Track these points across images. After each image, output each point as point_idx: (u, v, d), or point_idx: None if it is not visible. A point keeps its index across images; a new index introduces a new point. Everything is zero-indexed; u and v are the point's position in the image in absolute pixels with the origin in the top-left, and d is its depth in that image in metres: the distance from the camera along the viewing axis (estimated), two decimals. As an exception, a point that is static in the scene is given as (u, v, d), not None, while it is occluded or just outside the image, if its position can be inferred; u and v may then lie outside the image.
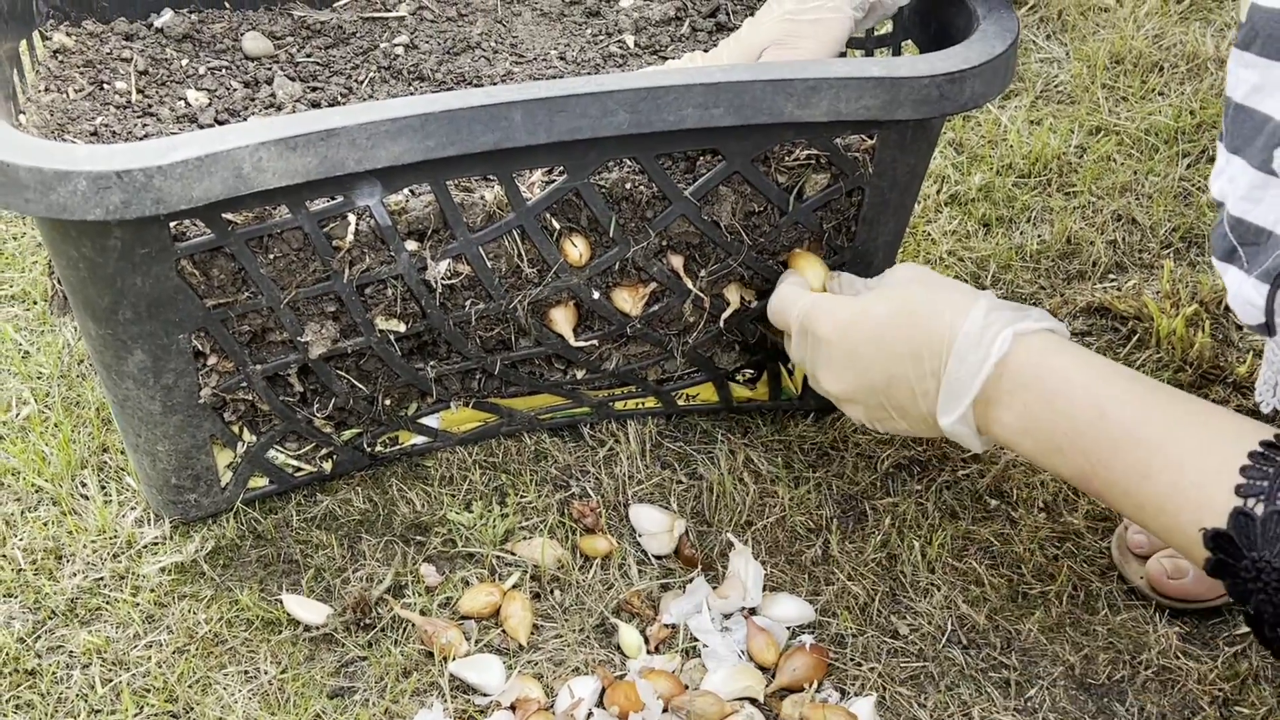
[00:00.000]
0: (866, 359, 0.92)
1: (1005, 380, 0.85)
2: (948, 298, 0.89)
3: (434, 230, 0.95)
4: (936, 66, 0.93)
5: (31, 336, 1.29)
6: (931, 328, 0.88)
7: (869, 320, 0.92)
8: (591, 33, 1.22)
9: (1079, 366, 0.83)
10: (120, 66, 1.12)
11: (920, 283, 0.93)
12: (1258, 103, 0.73)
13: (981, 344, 0.85)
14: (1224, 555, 0.73)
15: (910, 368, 0.89)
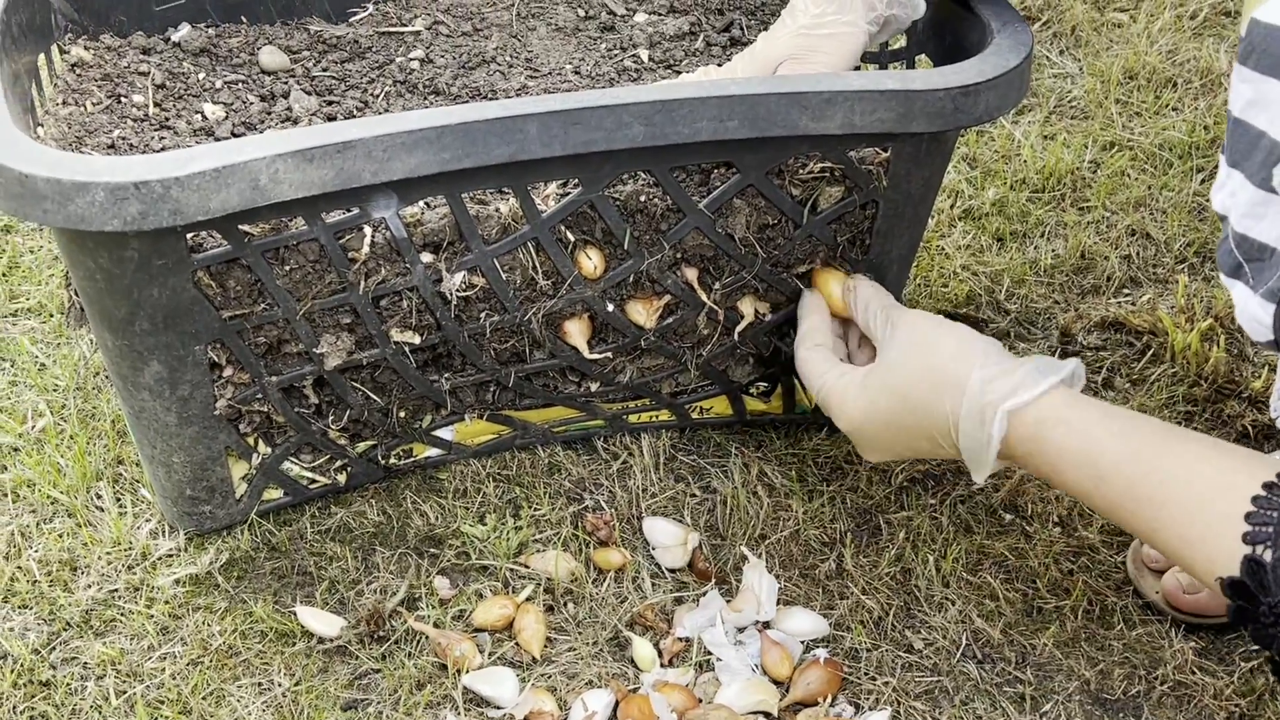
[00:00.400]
0: (886, 443, 0.97)
1: (1014, 449, 0.88)
2: (944, 377, 0.91)
3: (449, 242, 0.96)
4: (951, 80, 0.94)
5: (48, 349, 1.30)
6: (933, 414, 0.91)
7: (877, 415, 0.96)
8: (606, 47, 1.23)
9: (1072, 433, 0.85)
10: (138, 80, 1.13)
11: (916, 357, 0.94)
12: (1253, 117, 0.74)
13: (983, 425, 0.88)
14: (1243, 603, 0.74)
15: (926, 445, 0.94)
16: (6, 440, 1.18)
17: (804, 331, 1.05)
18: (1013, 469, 1.17)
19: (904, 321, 0.97)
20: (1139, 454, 0.82)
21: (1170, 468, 0.80)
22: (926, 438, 0.93)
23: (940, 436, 0.91)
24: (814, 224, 1.02)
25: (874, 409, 0.95)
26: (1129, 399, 1.26)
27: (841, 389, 0.99)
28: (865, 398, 0.96)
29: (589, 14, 1.28)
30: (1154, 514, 0.80)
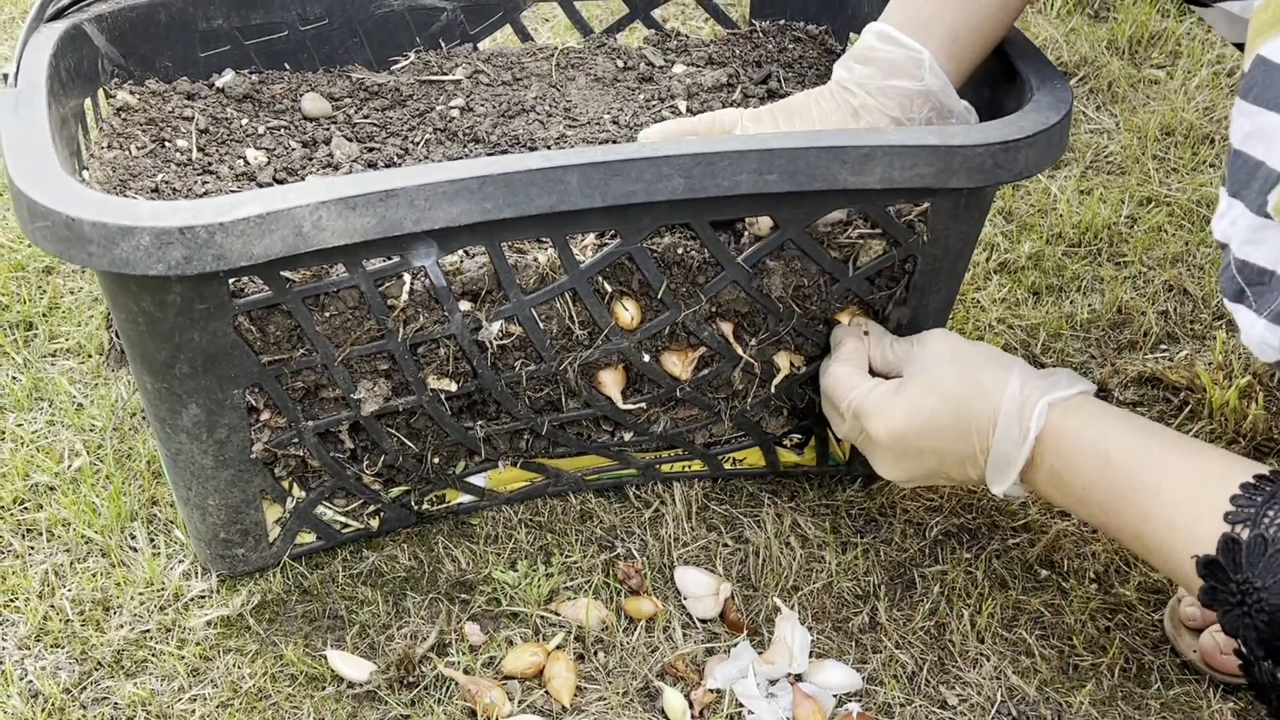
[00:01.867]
0: (919, 451, 0.98)
1: (1039, 446, 0.92)
2: (985, 377, 0.95)
3: (488, 291, 0.96)
4: (990, 136, 0.94)
5: (86, 389, 1.31)
6: (976, 409, 0.94)
7: (919, 417, 0.97)
8: (644, 98, 1.23)
9: (1092, 424, 0.90)
10: (182, 125, 1.14)
11: (956, 362, 0.98)
12: (1251, 148, 0.77)
13: (1021, 418, 0.92)
14: (1215, 582, 0.77)
15: (961, 447, 0.96)
16: (43, 479, 1.19)
17: (834, 356, 1.06)
18: (1047, 524, 1.16)
19: (932, 335, 1.02)
20: (1147, 445, 0.87)
21: (1175, 456, 0.85)
22: (963, 437, 0.95)
23: (977, 436, 0.94)
24: (853, 279, 1.02)
25: (916, 411, 0.97)
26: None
27: (878, 397, 1.00)
28: (906, 401, 0.98)
29: (628, 65, 1.29)
30: (1149, 500, 0.84)
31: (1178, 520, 0.81)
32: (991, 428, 0.93)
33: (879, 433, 0.99)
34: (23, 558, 1.12)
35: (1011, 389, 0.93)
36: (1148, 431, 0.88)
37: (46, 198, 0.81)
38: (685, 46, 1.34)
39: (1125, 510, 0.86)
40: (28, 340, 1.37)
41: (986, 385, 0.94)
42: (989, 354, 0.98)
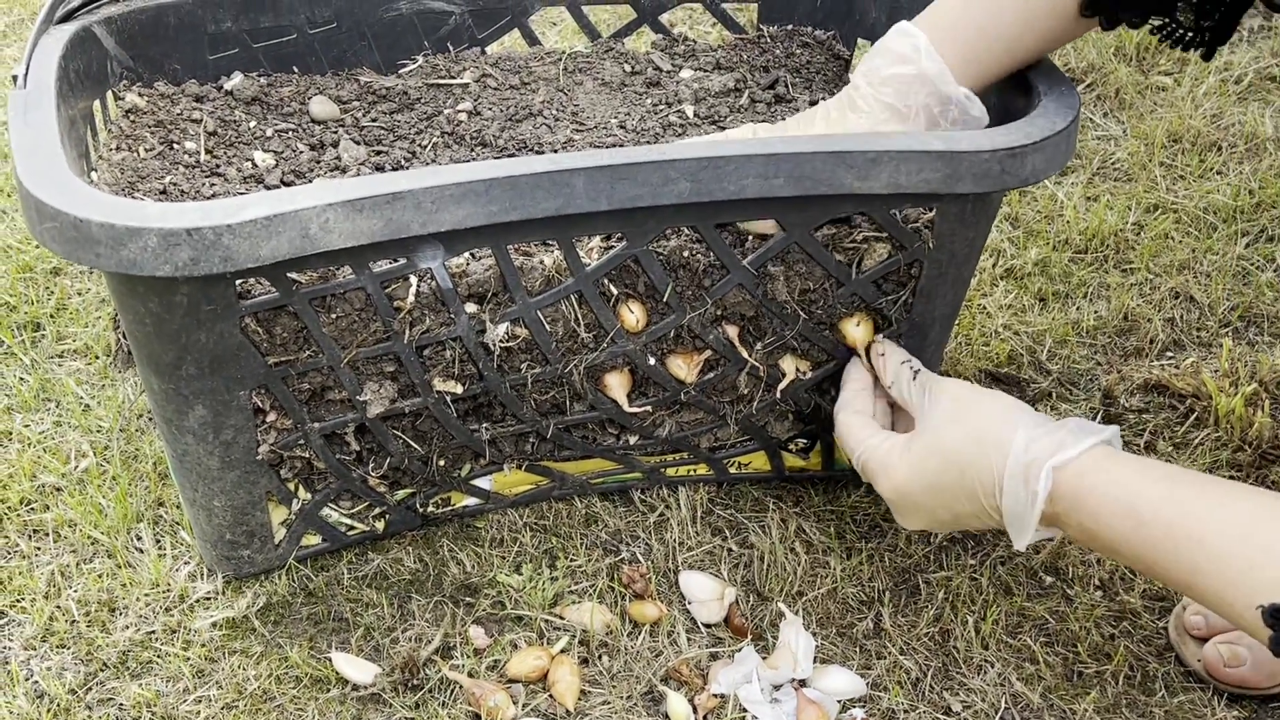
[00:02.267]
0: (928, 508, 0.97)
1: (1056, 504, 0.89)
2: (989, 437, 0.92)
3: (493, 293, 0.96)
4: (998, 141, 0.94)
5: (92, 390, 1.31)
6: (980, 472, 0.92)
7: (923, 478, 0.96)
8: (651, 102, 1.24)
9: (1113, 480, 0.87)
10: (190, 127, 1.14)
11: (960, 422, 0.95)
12: None
13: (1028, 483, 0.89)
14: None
15: (970, 507, 0.94)
16: (50, 480, 1.19)
17: (845, 398, 1.06)
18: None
19: (943, 389, 0.99)
20: (1176, 495, 0.83)
21: (1209, 506, 0.82)
22: (970, 498, 0.93)
23: (984, 497, 0.92)
24: (858, 283, 1.02)
25: (920, 471, 0.96)
26: (1172, 463, 1.25)
27: (884, 454, 0.99)
28: (910, 461, 0.97)
29: (635, 69, 1.29)
30: (1193, 553, 0.81)
31: (1229, 572, 0.79)
32: (998, 490, 0.91)
33: (886, 491, 0.99)
34: (29, 558, 1.12)
35: (1016, 450, 0.90)
36: (1174, 479, 0.85)
37: (55, 199, 0.81)
38: (693, 51, 1.34)
39: (1171, 565, 0.83)
40: (35, 341, 1.38)
41: (990, 448, 0.92)
42: (996, 410, 0.94)
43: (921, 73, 1.01)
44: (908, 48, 1.02)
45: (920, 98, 1.02)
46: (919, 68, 1.01)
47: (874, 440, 1.01)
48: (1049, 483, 0.88)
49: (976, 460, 0.92)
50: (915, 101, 1.02)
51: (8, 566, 1.11)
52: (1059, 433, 0.90)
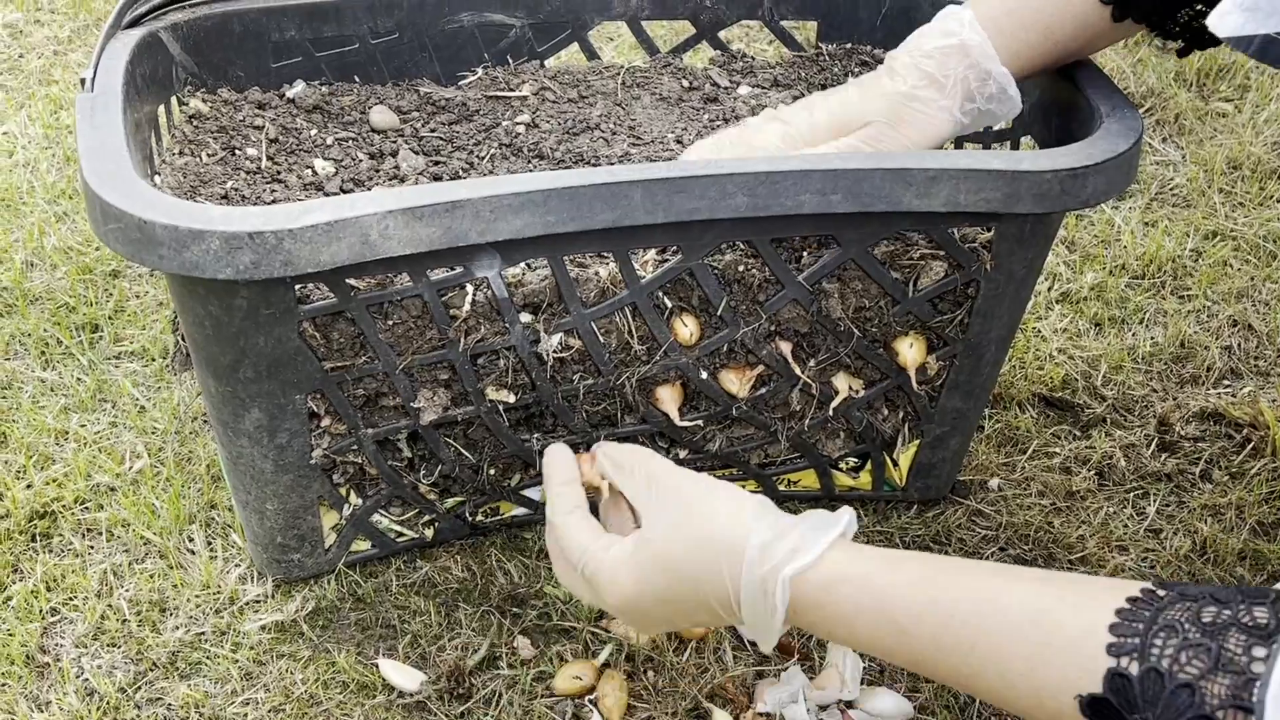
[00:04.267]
0: (662, 619, 0.87)
1: (802, 616, 0.80)
2: (719, 547, 0.82)
3: (548, 304, 0.97)
4: (1058, 162, 0.93)
5: (148, 392, 1.32)
6: (714, 585, 0.82)
7: (652, 590, 0.85)
8: (709, 118, 1.24)
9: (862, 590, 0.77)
10: (252, 134, 1.15)
11: (685, 529, 0.84)
12: None
13: (766, 596, 0.80)
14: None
15: (707, 616, 0.85)
16: (104, 480, 1.21)
17: (554, 495, 0.94)
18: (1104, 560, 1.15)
19: (669, 486, 0.88)
20: (936, 599, 0.75)
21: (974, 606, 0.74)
22: (706, 610, 0.84)
23: (721, 607, 0.82)
24: (913, 301, 1.02)
25: (647, 585, 0.85)
26: (1227, 492, 1.23)
27: (611, 564, 0.87)
28: (636, 573, 0.86)
29: (693, 85, 1.30)
30: (966, 659, 0.73)
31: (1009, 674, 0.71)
32: (735, 602, 0.81)
33: (612, 603, 0.87)
34: (83, 557, 1.13)
35: (750, 560, 0.80)
36: (929, 580, 0.76)
37: (120, 200, 0.82)
38: (751, 68, 1.34)
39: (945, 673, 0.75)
40: (93, 342, 1.39)
41: (721, 559, 0.81)
42: (725, 512, 0.84)
43: (964, 43, 1.01)
44: (953, 23, 1.02)
45: (960, 69, 1.01)
46: (961, 39, 1.01)
47: (596, 547, 0.89)
48: (787, 594, 0.79)
49: (709, 573, 0.82)
50: (954, 72, 1.01)
51: (61, 564, 1.12)
52: (792, 534, 0.80)
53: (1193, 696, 0.64)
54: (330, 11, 1.22)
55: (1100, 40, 1.03)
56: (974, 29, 1.01)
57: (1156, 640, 0.66)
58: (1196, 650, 0.65)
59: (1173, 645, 0.65)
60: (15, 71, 1.95)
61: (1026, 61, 1.03)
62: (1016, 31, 1.02)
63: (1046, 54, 1.03)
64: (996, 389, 1.34)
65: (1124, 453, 1.29)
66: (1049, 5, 1.01)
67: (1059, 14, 1.01)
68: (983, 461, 1.27)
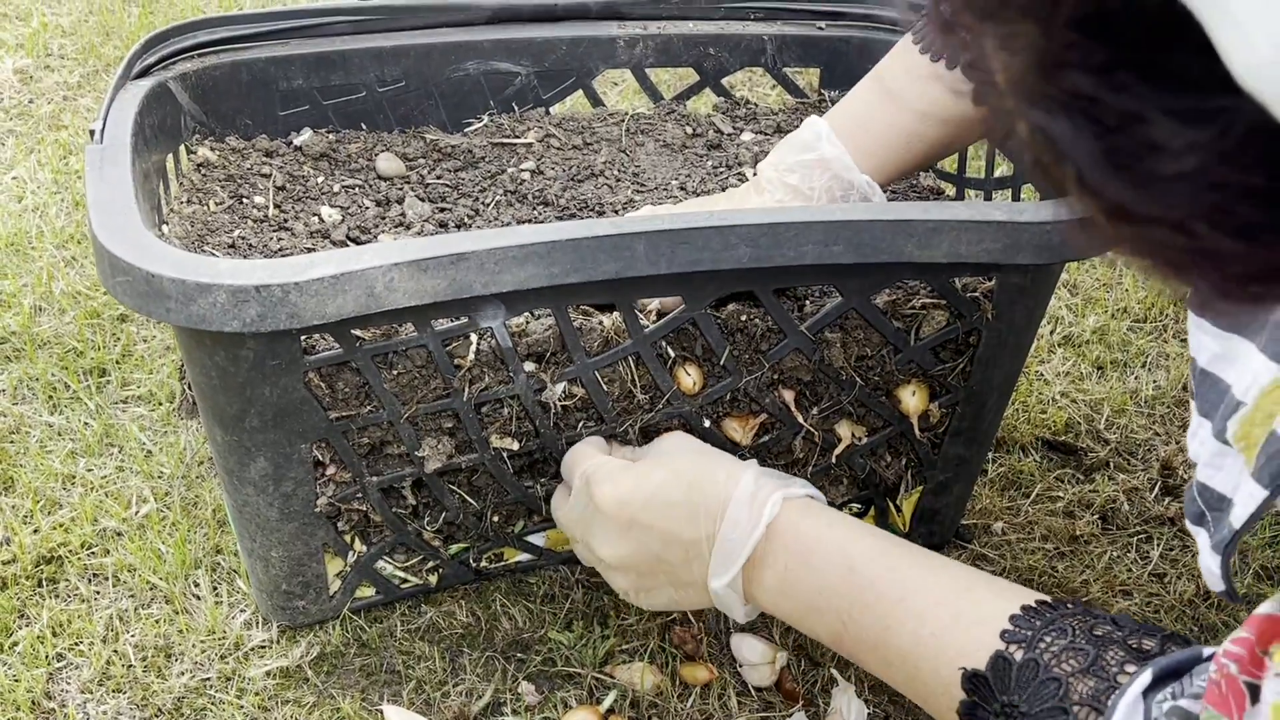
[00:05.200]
0: (642, 525, 0.93)
1: (771, 542, 0.88)
2: (720, 463, 0.94)
3: (552, 353, 0.97)
4: (1059, 212, 0.94)
5: (155, 437, 1.33)
6: (707, 491, 0.91)
7: (646, 486, 0.93)
8: (712, 165, 1.25)
9: (833, 526, 0.89)
10: (259, 181, 1.17)
11: (693, 450, 0.97)
12: (1221, 370, 0.74)
13: (754, 506, 0.89)
14: (979, 699, 0.74)
15: (686, 529, 0.91)
16: (111, 524, 1.21)
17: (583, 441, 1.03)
18: (1112, 601, 1.15)
19: (670, 434, 1.01)
20: (888, 551, 0.85)
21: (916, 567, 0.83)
22: (689, 519, 0.91)
23: (705, 518, 0.91)
24: (915, 350, 1.02)
25: (645, 480, 0.93)
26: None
27: (611, 466, 0.96)
28: (638, 469, 0.95)
29: (696, 131, 1.31)
30: (893, 608, 0.81)
31: (922, 631, 0.79)
32: (721, 512, 0.90)
33: (604, 498, 0.94)
34: (89, 602, 1.14)
35: (747, 477, 0.91)
36: (887, 539, 0.87)
37: (128, 254, 0.83)
38: (754, 114, 1.35)
39: (868, 620, 0.82)
40: (100, 387, 1.40)
41: (719, 472, 0.92)
42: (726, 453, 0.97)
43: (822, 157, 1.04)
44: (810, 135, 1.05)
45: (823, 181, 1.04)
46: (820, 153, 1.04)
47: (601, 458, 0.98)
48: (776, 509, 0.89)
49: (706, 479, 0.92)
50: (818, 184, 1.04)
51: (68, 610, 1.13)
52: (786, 476, 0.93)
53: (1058, 689, 0.71)
54: (337, 60, 1.23)
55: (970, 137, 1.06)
56: (831, 142, 1.04)
57: (1046, 638, 0.73)
58: (1077, 653, 0.71)
59: (1058, 645, 0.72)
60: (25, 117, 1.97)
61: (894, 168, 1.06)
62: (877, 144, 1.05)
63: (913, 160, 1.06)
64: (999, 432, 1.34)
65: (1127, 496, 1.29)
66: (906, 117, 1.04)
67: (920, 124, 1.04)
68: (986, 505, 1.27)
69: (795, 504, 0.90)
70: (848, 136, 1.04)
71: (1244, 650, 0.61)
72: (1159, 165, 0.36)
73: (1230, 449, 0.72)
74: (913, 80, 1.03)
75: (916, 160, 1.05)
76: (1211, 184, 0.36)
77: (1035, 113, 0.38)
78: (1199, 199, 0.37)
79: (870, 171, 1.04)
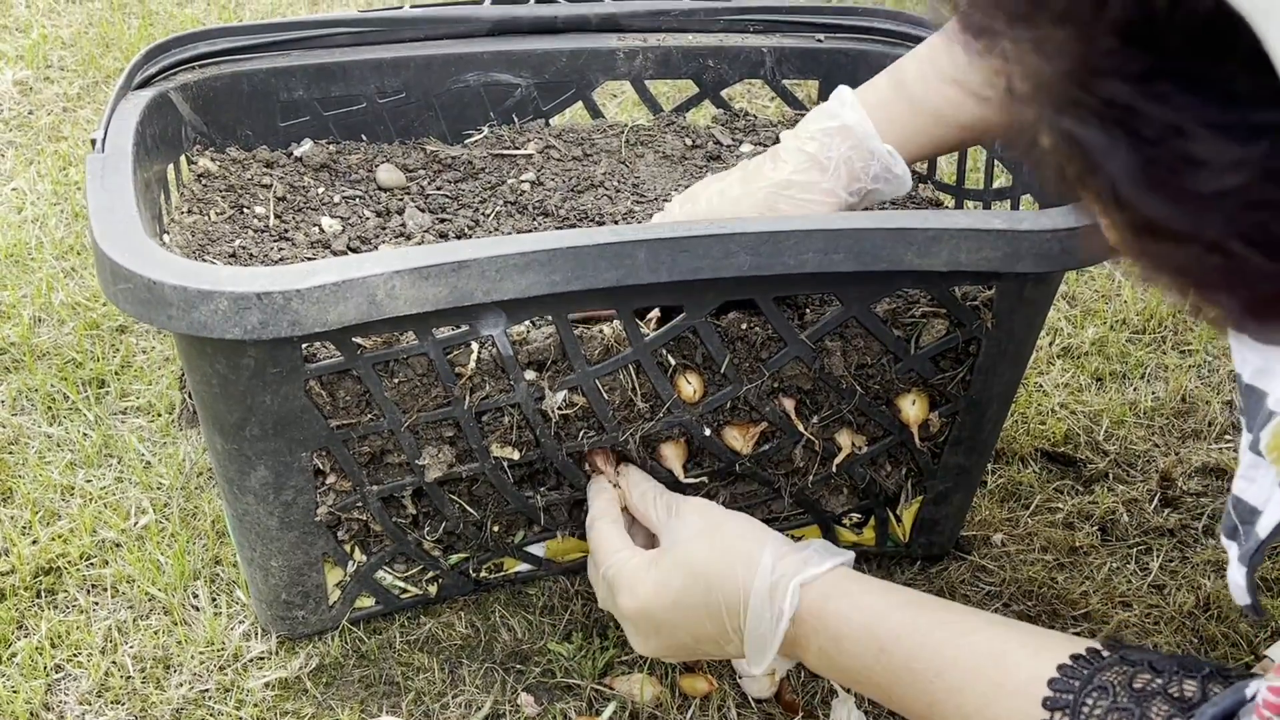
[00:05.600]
0: (670, 627, 0.93)
1: (799, 626, 0.87)
2: (736, 553, 0.90)
3: (552, 361, 0.97)
4: (1059, 221, 0.94)
5: (154, 447, 1.33)
6: (726, 590, 0.89)
7: (666, 596, 0.92)
8: (711, 176, 1.25)
9: (858, 607, 0.85)
10: (260, 192, 1.17)
11: (706, 537, 0.93)
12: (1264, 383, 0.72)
13: (774, 601, 0.87)
14: None
15: (712, 629, 0.91)
16: (110, 535, 1.21)
17: (598, 509, 1.02)
18: (1109, 615, 1.14)
19: (688, 507, 0.97)
20: (918, 623, 0.82)
21: (950, 636, 0.80)
22: (713, 618, 0.90)
23: (729, 616, 0.89)
24: (915, 359, 1.02)
25: (664, 588, 0.92)
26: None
27: (633, 568, 0.95)
28: (657, 577, 0.93)
29: (696, 143, 1.31)
30: (931, 685, 0.79)
31: (966, 708, 0.77)
32: (743, 608, 0.88)
33: (628, 608, 0.94)
34: (87, 613, 1.13)
35: (764, 567, 0.88)
36: (917, 605, 0.84)
37: (129, 261, 0.83)
38: (754, 126, 1.35)
39: (909, 696, 0.81)
40: (99, 397, 1.40)
41: (737, 564, 0.89)
42: (744, 528, 0.93)
43: (844, 124, 1.02)
44: (835, 104, 1.03)
45: (842, 150, 1.02)
46: (843, 120, 1.02)
47: (624, 554, 0.96)
48: (795, 599, 0.86)
49: (724, 576, 0.89)
50: (836, 154, 1.02)
51: (66, 621, 1.12)
52: (805, 551, 0.89)
53: None
54: (338, 71, 1.23)
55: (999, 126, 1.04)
56: (854, 109, 1.02)
57: (1088, 700, 0.70)
58: (1122, 714, 0.69)
59: (1102, 706, 0.70)
60: (25, 128, 1.97)
61: (916, 146, 1.04)
62: (905, 115, 1.02)
63: (940, 138, 1.04)
64: (999, 444, 1.34)
65: (1126, 508, 1.29)
66: (918, 118, 1.02)
67: (931, 124, 1.03)
68: (986, 517, 1.27)
69: (817, 586, 0.87)
70: (876, 106, 1.02)
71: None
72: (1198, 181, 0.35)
73: (1263, 460, 0.71)
74: (931, 82, 1.02)
75: (948, 138, 1.04)
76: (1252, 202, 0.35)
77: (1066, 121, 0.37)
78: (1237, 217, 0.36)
79: (896, 143, 1.02)
